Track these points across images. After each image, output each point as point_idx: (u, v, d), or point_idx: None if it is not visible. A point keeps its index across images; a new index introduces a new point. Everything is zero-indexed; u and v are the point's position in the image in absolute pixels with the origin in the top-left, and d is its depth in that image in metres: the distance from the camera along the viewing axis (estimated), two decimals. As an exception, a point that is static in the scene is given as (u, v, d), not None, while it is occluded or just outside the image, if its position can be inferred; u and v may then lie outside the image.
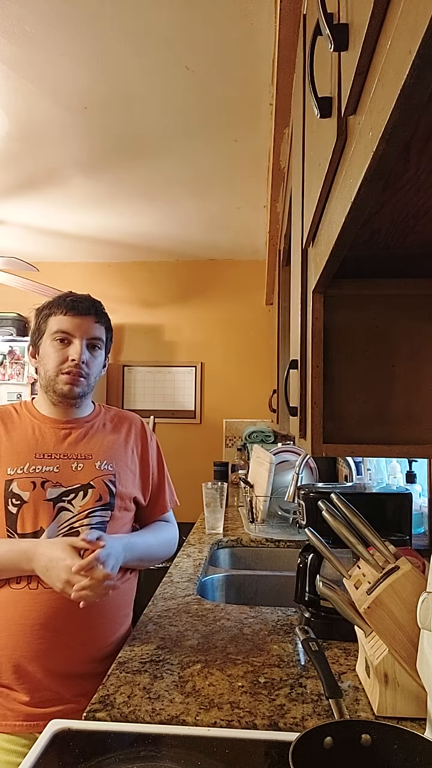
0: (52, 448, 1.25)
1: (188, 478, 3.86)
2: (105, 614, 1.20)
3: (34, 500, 1.18)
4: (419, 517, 1.62)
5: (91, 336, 1.27)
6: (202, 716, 0.88)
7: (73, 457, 1.25)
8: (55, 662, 1.15)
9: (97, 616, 1.19)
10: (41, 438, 1.26)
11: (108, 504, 1.24)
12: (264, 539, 2.08)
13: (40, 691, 1.15)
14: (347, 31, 0.54)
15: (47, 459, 1.23)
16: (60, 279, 3.94)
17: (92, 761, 0.76)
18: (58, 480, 1.21)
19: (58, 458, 1.24)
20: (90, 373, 1.28)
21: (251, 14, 1.54)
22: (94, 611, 1.16)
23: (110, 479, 1.25)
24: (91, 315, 1.28)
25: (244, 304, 3.95)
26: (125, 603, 1.29)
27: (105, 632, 1.21)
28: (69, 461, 1.24)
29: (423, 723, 0.86)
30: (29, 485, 1.19)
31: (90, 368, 1.27)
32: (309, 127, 0.97)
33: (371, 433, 0.95)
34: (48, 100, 1.96)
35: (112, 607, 1.22)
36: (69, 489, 1.21)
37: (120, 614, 1.26)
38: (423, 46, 0.33)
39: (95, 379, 1.31)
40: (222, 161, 2.43)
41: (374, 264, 0.94)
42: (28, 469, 1.21)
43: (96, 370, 1.30)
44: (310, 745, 0.68)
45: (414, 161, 0.58)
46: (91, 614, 1.17)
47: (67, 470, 1.23)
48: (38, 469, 1.21)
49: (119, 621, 1.25)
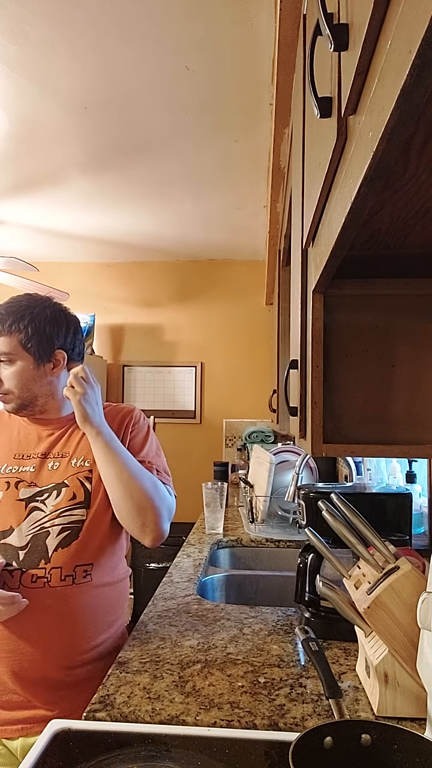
0: (32, 449, 1.25)
1: (188, 478, 3.87)
2: (79, 621, 1.16)
3: (5, 500, 1.18)
4: (419, 517, 1.62)
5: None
6: (202, 716, 0.88)
7: (51, 456, 1.24)
8: (20, 666, 1.11)
9: (70, 621, 1.15)
10: (24, 439, 1.26)
11: (83, 502, 1.20)
12: (264, 539, 2.08)
13: (7, 694, 1.12)
14: (347, 31, 0.54)
15: (25, 459, 1.23)
16: (60, 279, 3.95)
17: (92, 761, 0.76)
18: (33, 480, 1.20)
19: (36, 458, 1.23)
20: (9, 388, 1.21)
21: (251, 14, 1.54)
22: (66, 616, 1.14)
23: (86, 476, 1.21)
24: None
25: (244, 304, 3.95)
26: (107, 610, 1.22)
27: (79, 639, 1.16)
28: (46, 461, 1.23)
29: (423, 723, 0.86)
30: (3, 485, 1.20)
31: (7, 383, 1.21)
32: (309, 127, 0.97)
33: (371, 433, 0.95)
34: (48, 100, 1.96)
35: (86, 614, 1.17)
36: (43, 489, 1.20)
37: (100, 621, 1.20)
38: (423, 46, 0.33)
39: (25, 388, 1.22)
40: (222, 161, 2.43)
41: (374, 264, 0.94)
42: (5, 469, 1.22)
43: (15, 382, 1.21)
44: (310, 745, 0.68)
45: (414, 161, 0.58)
46: (62, 619, 1.14)
47: (43, 470, 1.22)
48: (14, 469, 1.22)
49: (98, 628, 1.19)
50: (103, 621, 1.21)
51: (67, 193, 2.78)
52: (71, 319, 1.32)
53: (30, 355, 1.23)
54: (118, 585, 1.27)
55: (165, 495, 1.23)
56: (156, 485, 1.22)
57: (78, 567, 1.16)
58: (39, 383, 1.24)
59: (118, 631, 1.26)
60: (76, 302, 3.91)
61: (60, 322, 1.28)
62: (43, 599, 1.12)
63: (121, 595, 1.28)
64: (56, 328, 1.27)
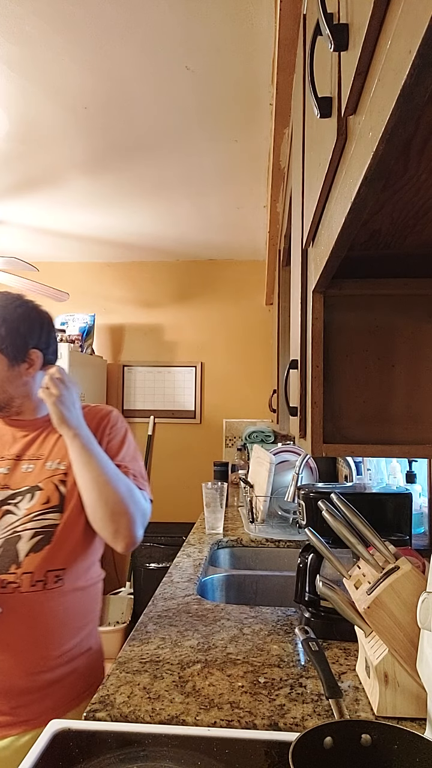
0: (6, 450, 1.22)
1: (188, 478, 3.88)
2: (49, 627, 1.14)
3: None
4: (419, 517, 1.62)
5: None
6: (202, 716, 0.88)
7: (26, 458, 1.21)
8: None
9: (40, 628, 1.12)
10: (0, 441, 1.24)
11: (57, 506, 1.17)
12: (264, 539, 2.08)
13: None
14: (347, 31, 0.54)
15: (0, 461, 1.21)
16: (60, 279, 3.95)
17: (92, 761, 0.76)
18: (7, 483, 1.18)
19: (10, 459, 1.21)
20: None
21: (251, 14, 1.54)
22: (36, 623, 1.12)
23: (60, 479, 1.18)
24: None
25: (244, 304, 3.95)
26: (78, 615, 1.19)
27: (48, 646, 1.13)
28: (20, 462, 1.20)
29: (423, 723, 0.86)
30: None
31: None
32: (309, 127, 0.97)
33: (371, 433, 0.95)
34: (48, 100, 1.96)
35: (57, 620, 1.15)
36: (16, 492, 1.17)
37: (71, 626, 1.17)
38: (423, 46, 0.33)
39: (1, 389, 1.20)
40: (222, 161, 2.43)
41: (374, 264, 0.94)
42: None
43: None
44: (310, 745, 0.68)
45: (414, 161, 0.58)
46: (32, 626, 1.12)
47: (17, 472, 1.19)
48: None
49: (69, 633, 1.17)
50: (73, 626, 1.18)
51: (67, 193, 2.78)
52: (45, 317, 1.28)
53: (4, 356, 1.19)
54: (91, 589, 1.24)
55: (140, 500, 1.20)
56: (131, 491, 1.18)
57: (50, 572, 1.13)
58: (14, 384, 1.21)
59: (88, 635, 1.23)
60: (76, 302, 3.92)
61: (34, 320, 1.25)
62: (13, 605, 1.10)
63: (93, 599, 1.25)
64: (30, 326, 1.23)
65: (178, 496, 3.81)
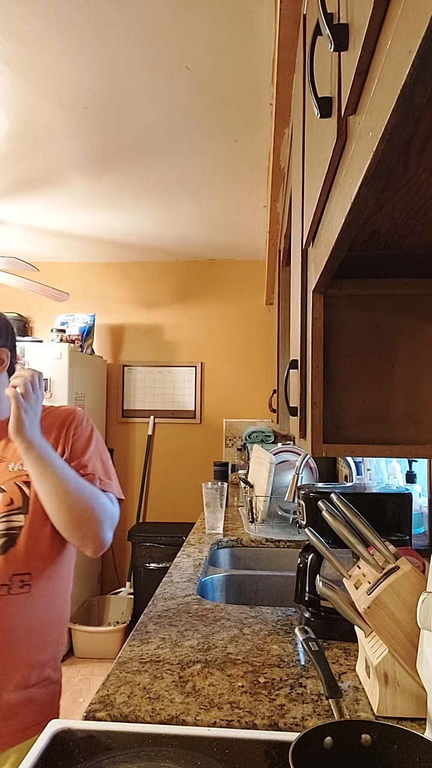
0: None
1: (188, 478, 3.88)
2: (14, 635, 1.11)
3: None
4: (419, 517, 1.62)
5: None
6: (202, 716, 0.88)
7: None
8: None
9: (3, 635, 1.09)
10: None
11: (21, 508, 1.14)
12: (264, 539, 2.08)
13: None
14: (347, 31, 0.54)
15: None
16: (60, 279, 3.95)
17: (92, 761, 0.76)
18: None
19: None
20: None
21: (251, 14, 1.54)
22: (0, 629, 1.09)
23: (24, 480, 1.15)
24: None
25: (244, 304, 3.95)
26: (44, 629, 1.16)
27: (11, 657, 1.10)
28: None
29: (423, 723, 0.86)
30: None
31: None
32: (309, 127, 0.97)
33: (371, 433, 0.95)
34: (48, 100, 1.96)
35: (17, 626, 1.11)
36: None
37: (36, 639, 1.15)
38: (423, 46, 0.33)
39: None
40: (222, 161, 2.43)
41: (374, 264, 0.94)
42: None
43: None
44: (310, 745, 0.68)
45: (414, 161, 0.58)
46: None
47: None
48: None
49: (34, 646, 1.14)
50: (37, 638, 1.15)
51: (67, 193, 2.78)
52: (3, 319, 1.26)
53: None
54: (59, 602, 1.21)
55: (105, 504, 1.16)
56: (96, 496, 1.15)
57: (15, 576, 1.10)
58: None
59: (52, 658, 1.18)
60: (76, 302, 3.92)
61: (1, 320, 1.23)
62: None
63: (60, 616, 1.22)
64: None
65: (178, 496, 3.82)
